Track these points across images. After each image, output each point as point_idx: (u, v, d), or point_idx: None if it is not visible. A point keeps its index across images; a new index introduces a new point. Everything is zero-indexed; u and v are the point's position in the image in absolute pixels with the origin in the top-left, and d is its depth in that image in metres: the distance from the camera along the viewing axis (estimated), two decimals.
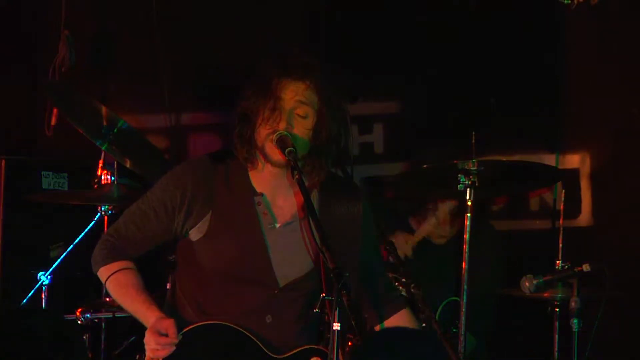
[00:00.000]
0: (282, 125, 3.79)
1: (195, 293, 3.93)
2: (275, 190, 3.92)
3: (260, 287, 3.86)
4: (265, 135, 3.82)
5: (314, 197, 3.93)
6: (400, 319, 4.05)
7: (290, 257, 3.88)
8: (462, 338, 4.66)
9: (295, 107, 3.81)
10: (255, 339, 3.80)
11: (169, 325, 3.73)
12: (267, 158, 3.85)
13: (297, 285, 3.88)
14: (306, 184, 3.78)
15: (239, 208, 3.90)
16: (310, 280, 3.86)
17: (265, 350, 3.79)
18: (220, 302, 3.87)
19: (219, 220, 3.88)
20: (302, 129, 3.81)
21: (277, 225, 3.91)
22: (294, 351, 3.83)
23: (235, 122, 3.88)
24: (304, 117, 3.82)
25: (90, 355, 5.37)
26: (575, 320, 4.58)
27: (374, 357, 3.82)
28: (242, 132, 3.87)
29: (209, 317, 3.83)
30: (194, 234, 3.90)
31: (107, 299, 5.44)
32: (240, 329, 3.80)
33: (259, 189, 3.92)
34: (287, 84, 3.81)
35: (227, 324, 3.81)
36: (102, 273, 3.96)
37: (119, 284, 3.93)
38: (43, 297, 5.26)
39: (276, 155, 3.80)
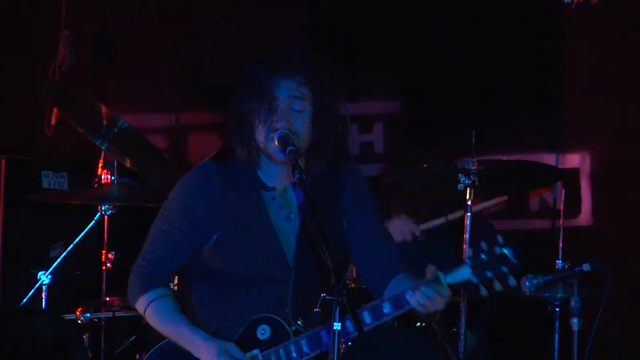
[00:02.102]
0: (282, 124, 3.79)
1: (210, 296, 3.92)
2: (284, 182, 3.93)
3: (278, 283, 3.86)
4: (265, 135, 3.81)
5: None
6: (397, 283, 3.96)
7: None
8: (462, 338, 4.66)
9: (291, 103, 3.81)
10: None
11: (231, 351, 3.72)
12: (270, 158, 3.86)
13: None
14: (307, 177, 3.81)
15: (248, 206, 3.89)
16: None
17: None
18: (237, 303, 3.86)
19: (229, 223, 3.87)
20: (300, 123, 3.81)
21: (292, 216, 3.91)
22: (243, 327, 3.82)
23: (232, 125, 3.87)
24: (301, 112, 3.81)
25: (90, 355, 5.37)
26: (575, 320, 4.58)
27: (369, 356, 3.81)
28: (240, 135, 3.86)
29: (226, 319, 3.83)
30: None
31: (107, 299, 5.44)
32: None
33: (270, 183, 3.92)
34: (279, 82, 3.80)
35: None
36: (139, 305, 3.93)
37: (157, 312, 3.88)
38: (43, 297, 5.25)
39: (278, 154, 3.80)
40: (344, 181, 3.98)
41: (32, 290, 5.27)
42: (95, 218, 5.40)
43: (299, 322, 3.76)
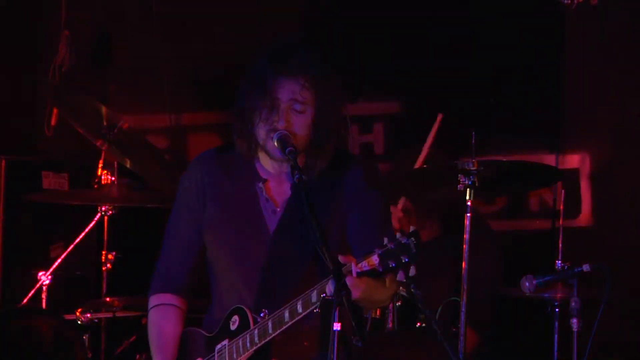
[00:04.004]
0: (281, 124, 3.80)
1: (215, 288, 3.97)
2: (281, 175, 3.93)
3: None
4: (265, 133, 3.82)
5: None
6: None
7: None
8: (462, 338, 4.65)
9: (292, 104, 3.81)
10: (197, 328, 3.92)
11: None
12: (268, 155, 3.87)
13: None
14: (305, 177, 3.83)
15: (241, 196, 3.93)
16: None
17: (205, 333, 3.91)
18: (232, 289, 3.90)
19: (221, 210, 3.92)
20: (301, 124, 3.81)
21: (278, 210, 3.91)
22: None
23: (234, 119, 3.89)
24: (302, 113, 3.81)
25: (90, 355, 5.37)
26: (575, 321, 4.58)
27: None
28: (241, 130, 3.88)
29: (224, 306, 3.88)
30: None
31: (107, 299, 5.45)
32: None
33: (264, 175, 3.94)
34: (282, 83, 3.80)
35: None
36: (149, 305, 4.03)
37: (150, 320, 4.00)
38: (43, 297, 5.26)
39: (277, 153, 3.80)
40: (347, 179, 3.95)
41: (33, 291, 5.28)
42: (96, 219, 5.40)
43: (261, 315, 3.76)
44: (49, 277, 5.27)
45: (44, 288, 5.26)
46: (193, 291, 4.06)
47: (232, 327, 3.81)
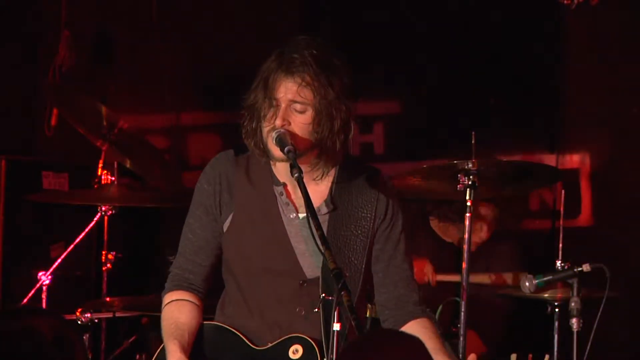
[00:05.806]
0: (279, 123, 3.77)
1: (232, 288, 3.92)
2: (293, 180, 3.89)
3: (287, 278, 3.83)
4: (266, 132, 3.81)
5: (328, 189, 3.90)
6: (418, 329, 3.91)
7: (315, 248, 3.74)
8: (462, 338, 4.65)
9: (290, 103, 3.78)
10: (239, 334, 3.81)
11: None
12: (269, 155, 3.85)
13: None
14: (318, 177, 3.83)
15: (260, 199, 3.89)
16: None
17: (250, 344, 3.80)
18: (253, 295, 3.86)
19: (240, 213, 3.88)
20: (300, 124, 3.77)
21: (300, 216, 3.87)
22: (277, 341, 3.78)
23: (242, 117, 3.87)
24: (301, 112, 3.77)
25: (90, 355, 5.37)
26: (575, 321, 4.58)
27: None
28: (248, 125, 3.86)
29: (248, 311, 3.84)
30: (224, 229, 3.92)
31: (107, 299, 5.45)
32: (227, 327, 3.83)
33: (281, 179, 3.91)
34: (281, 81, 3.77)
35: (216, 323, 3.86)
36: (162, 304, 3.96)
37: (163, 316, 3.92)
38: (43, 297, 5.26)
39: (277, 152, 3.78)
40: (380, 201, 3.94)
41: (33, 291, 5.28)
42: (96, 219, 5.41)
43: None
44: (49, 277, 5.27)
45: (44, 288, 5.26)
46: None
47: (293, 356, 3.74)
